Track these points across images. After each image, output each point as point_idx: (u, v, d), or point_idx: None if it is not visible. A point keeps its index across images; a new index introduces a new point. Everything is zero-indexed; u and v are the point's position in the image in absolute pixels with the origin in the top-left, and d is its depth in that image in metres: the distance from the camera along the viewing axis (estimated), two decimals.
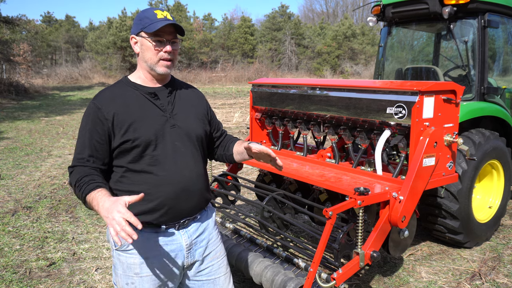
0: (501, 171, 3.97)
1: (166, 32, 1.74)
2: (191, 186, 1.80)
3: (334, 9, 52.00)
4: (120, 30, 29.37)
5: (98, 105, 1.73)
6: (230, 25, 36.05)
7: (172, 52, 1.77)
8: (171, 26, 1.74)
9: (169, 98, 1.83)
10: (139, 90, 1.79)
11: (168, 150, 1.76)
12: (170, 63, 1.78)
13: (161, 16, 1.74)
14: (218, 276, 1.96)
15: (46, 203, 5.13)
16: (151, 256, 1.76)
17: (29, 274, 3.42)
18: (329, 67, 32.53)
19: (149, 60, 1.76)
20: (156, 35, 1.73)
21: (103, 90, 1.82)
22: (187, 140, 1.82)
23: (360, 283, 3.27)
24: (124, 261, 1.77)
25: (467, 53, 4.16)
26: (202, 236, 1.91)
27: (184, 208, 1.80)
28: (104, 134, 1.71)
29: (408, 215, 2.57)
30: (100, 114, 1.71)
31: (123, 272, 1.78)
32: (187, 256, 1.84)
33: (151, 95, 1.80)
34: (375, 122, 2.93)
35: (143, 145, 1.72)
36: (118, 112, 1.72)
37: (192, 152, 1.83)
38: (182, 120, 1.83)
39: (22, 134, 9.93)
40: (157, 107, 1.79)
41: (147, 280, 1.76)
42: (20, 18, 19.60)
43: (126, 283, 1.78)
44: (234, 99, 17.79)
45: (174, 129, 1.79)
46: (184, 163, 1.79)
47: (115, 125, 1.71)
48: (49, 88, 23.35)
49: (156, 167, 1.73)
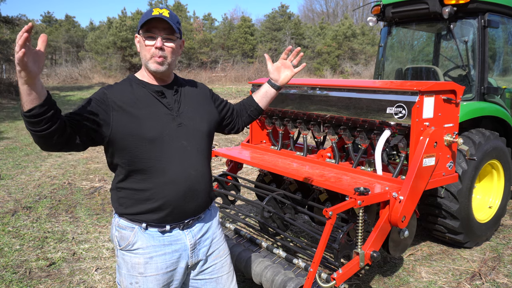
0: (501, 171, 3.97)
1: (159, 28, 1.71)
2: (197, 185, 1.79)
3: (334, 9, 52.00)
4: (120, 30, 29.34)
5: (106, 92, 1.71)
6: (230, 25, 36.03)
7: (164, 48, 1.72)
8: (164, 23, 1.70)
9: (175, 97, 1.82)
10: (146, 88, 1.79)
11: (174, 149, 1.74)
12: (161, 60, 1.72)
13: (157, 13, 1.70)
14: (221, 275, 1.96)
15: (46, 203, 5.13)
16: (156, 256, 1.76)
17: (29, 274, 3.42)
18: (329, 67, 32.52)
19: (143, 57, 1.75)
20: (147, 31, 1.71)
21: (114, 84, 1.81)
22: (193, 139, 1.80)
23: (360, 283, 3.27)
24: (129, 260, 1.76)
25: (467, 53, 4.16)
26: (206, 235, 1.91)
27: (189, 208, 1.79)
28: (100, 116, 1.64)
29: (408, 215, 2.57)
30: (106, 98, 1.67)
31: (127, 272, 1.78)
32: (191, 256, 1.84)
33: (158, 94, 1.78)
34: (375, 122, 2.93)
35: (147, 143, 1.70)
36: (125, 106, 1.69)
37: (198, 151, 1.81)
38: (188, 119, 1.81)
39: (22, 134, 9.92)
40: (164, 105, 1.78)
41: (151, 280, 1.76)
42: (20, 18, 19.60)
43: (130, 283, 1.77)
44: (234, 99, 17.78)
45: (181, 128, 1.78)
46: (190, 162, 1.78)
47: (119, 116, 1.67)
48: (49, 88, 23.33)
49: (161, 166, 1.72)
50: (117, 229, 1.79)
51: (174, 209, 1.75)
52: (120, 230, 1.77)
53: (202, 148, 1.84)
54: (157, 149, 1.71)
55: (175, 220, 1.78)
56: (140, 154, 1.70)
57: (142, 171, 1.71)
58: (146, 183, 1.72)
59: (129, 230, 1.76)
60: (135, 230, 1.75)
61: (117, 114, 1.67)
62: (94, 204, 5.13)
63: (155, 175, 1.72)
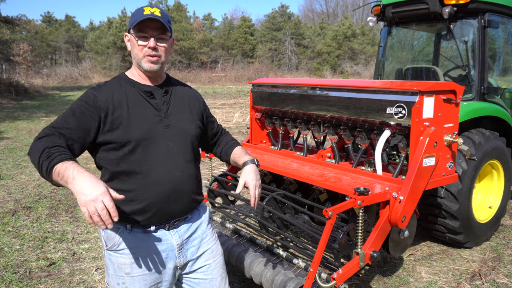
0: (501, 171, 3.97)
1: (151, 27, 1.70)
2: (182, 187, 1.78)
3: (334, 9, 52.02)
4: (120, 30, 29.39)
5: (96, 94, 1.69)
6: (230, 25, 36.05)
7: (157, 48, 1.72)
8: (157, 22, 1.69)
9: (164, 98, 1.81)
10: (135, 88, 1.77)
11: (160, 151, 1.73)
12: (155, 59, 1.72)
13: (148, 12, 1.68)
14: (214, 277, 1.94)
15: (46, 203, 5.13)
16: (142, 256, 1.75)
17: (29, 274, 3.42)
18: (329, 67, 32.54)
19: (136, 56, 1.74)
20: (140, 30, 1.70)
21: (103, 83, 1.79)
22: (180, 141, 1.79)
23: (360, 283, 3.27)
24: (115, 261, 1.75)
25: (467, 53, 4.16)
26: (194, 235, 1.89)
27: (174, 209, 1.78)
28: (91, 122, 1.64)
29: (408, 215, 2.57)
30: (96, 101, 1.66)
31: (114, 272, 1.77)
32: (179, 256, 1.82)
33: (147, 94, 1.77)
34: (375, 122, 2.93)
35: (134, 144, 1.68)
36: (114, 106, 1.68)
37: (184, 153, 1.80)
38: (176, 121, 1.80)
39: (22, 134, 9.93)
40: (152, 106, 1.76)
41: (138, 280, 1.75)
42: (20, 18, 19.61)
43: (117, 283, 1.76)
44: (234, 99, 17.77)
45: (168, 129, 1.76)
46: (175, 164, 1.76)
47: (108, 118, 1.66)
48: (49, 88, 23.35)
49: (147, 167, 1.70)
50: (103, 229, 1.77)
51: (158, 210, 1.74)
52: (106, 230, 1.75)
53: (188, 150, 1.83)
54: (143, 150, 1.70)
55: (159, 221, 1.76)
56: (125, 155, 1.69)
57: (127, 172, 1.70)
58: (130, 184, 1.70)
59: (114, 231, 1.74)
60: (120, 231, 1.74)
61: (104, 117, 1.66)
62: None
63: (140, 176, 1.70)
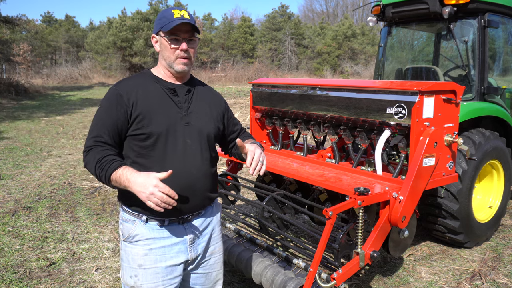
0: (501, 171, 3.97)
1: (182, 30, 1.78)
2: (197, 184, 1.83)
3: (334, 9, 52.01)
4: (120, 30, 29.31)
5: (120, 91, 1.77)
6: (230, 25, 36.05)
7: (189, 50, 1.81)
8: (187, 25, 1.78)
9: (187, 96, 1.88)
10: (159, 84, 1.85)
11: (178, 147, 1.79)
12: (187, 61, 1.81)
13: (178, 15, 1.77)
14: (211, 271, 2.01)
15: (46, 203, 5.13)
16: (155, 248, 1.80)
17: (29, 274, 3.42)
18: (329, 67, 32.53)
19: (167, 58, 1.81)
20: (172, 33, 1.78)
21: (126, 78, 1.88)
22: (198, 139, 1.85)
23: (360, 283, 3.27)
24: (129, 251, 1.82)
25: (467, 53, 4.16)
26: (206, 230, 1.95)
27: (188, 204, 1.83)
28: (122, 120, 1.74)
29: (408, 215, 2.57)
30: (121, 100, 1.75)
31: (127, 264, 1.83)
32: (190, 250, 1.87)
33: (170, 91, 1.84)
34: (375, 122, 2.93)
35: (154, 138, 1.75)
36: (138, 101, 1.76)
37: (202, 151, 1.86)
38: (196, 119, 1.86)
39: (22, 134, 9.93)
40: (174, 103, 1.83)
41: (150, 273, 1.80)
42: (20, 18, 19.60)
43: (130, 276, 1.82)
44: (234, 99, 17.78)
45: (187, 127, 1.83)
46: (192, 161, 1.82)
47: (133, 113, 1.75)
48: (49, 88, 23.35)
49: (164, 162, 1.76)
50: (121, 221, 1.88)
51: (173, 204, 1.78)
52: (123, 222, 1.85)
53: (206, 149, 1.88)
54: (162, 145, 1.77)
55: (173, 215, 1.81)
56: (145, 147, 1.76)
57: (144, 165, 1.76)
58: None
59: (130, 223, 1.82)
60: (136, 223, 1.81)
61: (131, 111, 1.75)
62: (94, 204, 5.13)
63: (157, 169, 1.74)
